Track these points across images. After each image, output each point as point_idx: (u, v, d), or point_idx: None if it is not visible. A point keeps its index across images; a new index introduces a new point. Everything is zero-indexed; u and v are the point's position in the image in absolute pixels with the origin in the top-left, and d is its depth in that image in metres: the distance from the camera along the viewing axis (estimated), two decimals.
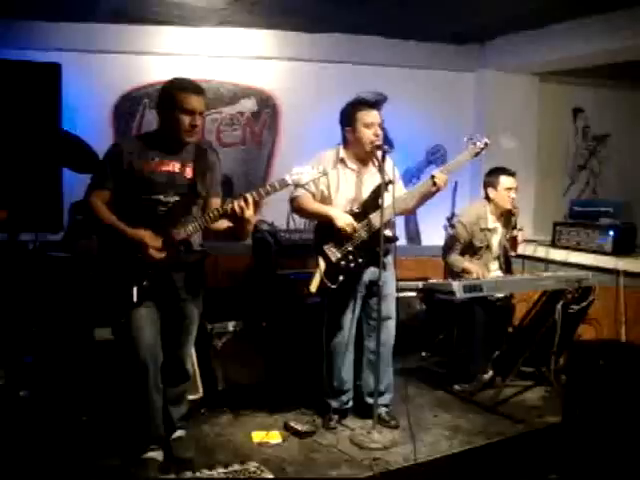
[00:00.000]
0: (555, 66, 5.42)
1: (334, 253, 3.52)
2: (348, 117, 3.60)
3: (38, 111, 3.68)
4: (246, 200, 2.88)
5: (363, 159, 3.63)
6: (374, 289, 3.54)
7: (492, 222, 4.46)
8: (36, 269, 4.06)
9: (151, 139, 3.06)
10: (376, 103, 3.63)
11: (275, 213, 4.97)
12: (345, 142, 3.66)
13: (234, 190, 5.03)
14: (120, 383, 3.22)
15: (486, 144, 3.67)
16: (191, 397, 3.61)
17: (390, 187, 3.46)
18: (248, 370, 4.08)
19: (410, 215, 3.78)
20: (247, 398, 3.97)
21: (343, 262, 3.52)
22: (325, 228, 3.54)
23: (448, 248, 4.45)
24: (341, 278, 3.50)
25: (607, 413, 3.40)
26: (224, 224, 3.04)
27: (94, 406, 3.69)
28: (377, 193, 3.48)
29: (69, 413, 3.66)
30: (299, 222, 5.13)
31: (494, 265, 4.54)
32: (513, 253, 4.59)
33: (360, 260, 3.52)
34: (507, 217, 4.51)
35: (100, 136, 4.75)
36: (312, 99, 5.35)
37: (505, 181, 4.41)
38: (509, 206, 4.40)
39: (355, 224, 3.49)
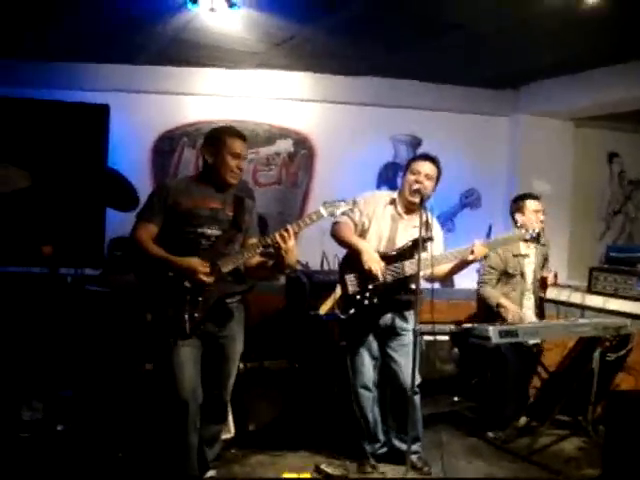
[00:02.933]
0: (589, 112, 5.44)
1: (354, 285, 3.55)
2: (406, 166, 3.74)
3: (85, 150, 3.79)
4: (287, 231, 2.98)
5: (407, 207, 3.68)
6: (391, 336, 3.60)
7: (524, 248, 4.44)
8: (75, 303, 4.12)
9: (195, 179, 3.22)
10: (435, 159, 3.69)
11: (309, 254, 5.00)
12: (400, 187, 3.76)
13: (269, 229, 5.08)
14: (158, 420, 3.22)
15: (539, 234, 3.75)
16: (223, 437, 3.59)
17: (428, 244, 3.48)
18: (280, 411, 4.06)
19: (441, 282, 3.73)
20: (278, 439, 3.94)
21: (358, 296, 3.54)
22: (353, 259, 3.58)
23: (483, 281, 4.42)
24: (352, 311, 3.52)
25: None
26: (261, 259, 3.17)
27: (131, 442, 3.70)
28: (416, 244, 3.50)
29: (105, 449, 3.67)
30: (333, 263, 5.14)
31: (529, 300, 4.46)
32: (542, 294, 4.54)
33: (375, 300, 3.53)
34: (540, 253, 4.48)
35: (140, 173, 4.90)
36: (347, 141, 5.43)
37: (531, 204, 4.42)
38: (539, 227, 4.35)
39: (382, 264, 3.51)
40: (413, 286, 3.57)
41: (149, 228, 3.06)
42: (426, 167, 3.63)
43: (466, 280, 5.36)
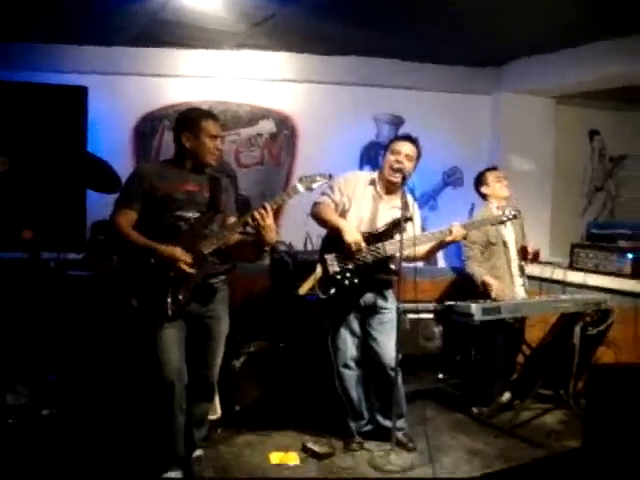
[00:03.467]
0: (571, 89, 5.44)
1: (333, 265, 3.58)
2: (386, 146, 3.77)
3: (64, 133, 3.75)
4: (265, 208, 3.00)
5: (387, 187, 3.70)
6: (372, 314, 3.64)
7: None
8: (58, 287, 4.10)
9: (170, 163, 3.23)
10: (415, 140, 3.70)
11: (293, 234, 5.00)
12: (380, 167, 3.77)
13: (252, 210, 5.06)
14: (144, 402, 3.24)
15: (514, 216, 3.82)
16: (209, 417, 3.61)
17: (409, 225, 3.52)
18: (266, 391, 4.08)
19: (418, 262, 3.76)
20: (264, 419, 3.98)
21: (339, 276, 3.56)
22: (334, 239, 3.59)
23: (467, 257, 4.46)
24: (332, 291, 3.55)
25: (628, 438, 3.37)
26: (241, 237, 3.21)
27: (117, 425, 3.72)
28: (396, 225, 3.54)
29: (91, 432, 3.68)
30: (316, 243, 5.14)
31: (516, 270, 4.50)
32: (523, 263, 4.59)
33: (356, 281, 3.56)
34: (517, 223, 4.52)
35: (120, 156, 4.84)
36: (329, 121, 5.40)
37: (491, 174, 4.54)
38: (506, 193, 4.50)
39: (363, 244, 3.52)
40: (393, 266, 3.61)
41: (128, 214, 3.08)
42: (406, 147, 3.65)
43: (450, 258, 5.46)
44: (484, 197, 4.55)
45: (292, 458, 3.56)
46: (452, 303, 4.03)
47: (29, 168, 3.65)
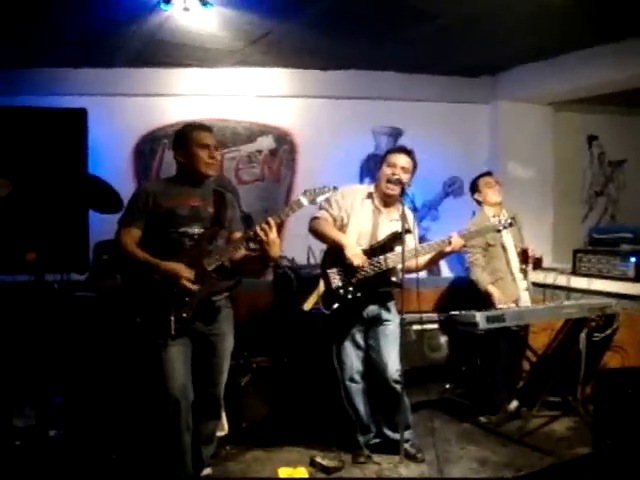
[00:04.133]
0: (568, 95, 5.45)
1: (336, 280, 3.58)
2: (382, 159, 3.78)
3: (65, 155, 3.77)
4: (268, 223, 2.99)
5: (385, 200, 3.71)
6: (374, 327, 3.63)
7: (494, 218, 4.50)
8: (63, 309, 4.11)
9: (172, 180, 3.25)
10: (409, 151, 3.72)
11: (295, 249, 5.01)
12: (377, 180, 3.78)
13: (254, 226, 5.08)
14: (151, 421, 3.23)
15: (510, 224, 3.81)
16: (217, 434, 3.60)
17: (408, 236, 3.54)
18: (273, 406, 4.08)
19: (418, 272, 3.74)
20: (272, 434, 3.97)
21: (342, 290, 3.56)
22: (335, 253, 3.60)
23: (471, 263, 4.46)
24: (335, 306, 3.55)
25: (638, 443, 3.35)
26: (246, 253, 3.20)
27: (124, 445, 3.71)
28: (396, 238, 3.56)
29: (99, 452, 3.67)
30: (319, 258, 5.16)
31: (518, 274, 4.52)
32: (524, 266, 4.59)
33: (359, 294, 3.57)
34: (515, 230, 4.53)
35: (121, 176, 4.87)
36: (328, 135, 5.43)
37: (482, 180, 4.61)
38: (497, 198, 4.54)
39: (364, 259, 3.53)
40: (394, 278, 3.62)
41: (132, 232, 3.10)
42: (402, 159, 3.66)
43: (453, 268, 5.46)
44: (479, 203, 4.61)
45: (301, 473, 3.54)
46: (456, 313, 4.04)
47: (31, 191, 3.67)
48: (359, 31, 4.36)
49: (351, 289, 3.56)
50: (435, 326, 4.89)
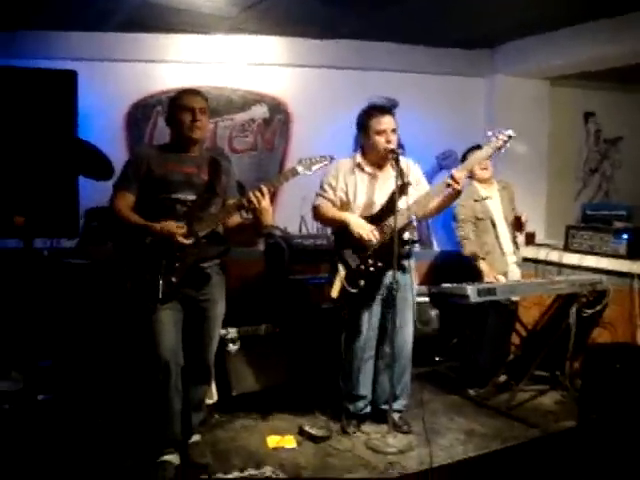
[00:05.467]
0: (565, 70, 5.40)
1: (354, 259, 3.54)
2: (361, 124, 3.68)
3: (54, 118, 3.70)
4: (261, 190, 2.98)
5: (379, 164, 3.66)
6: (393, 292, 3.49)
7: (484, 191, 4.52)
8: (52, 276, 4.09)
9: (166, 147, 3.23)
10: (389, 108, 3.64)
11: (287, 219, 4.99)
12: (362, 148, 3.71)
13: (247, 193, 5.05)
14: (140, 386, 3.24)
15: (509, 136, 3.61)
16: (206, 402, 3.61)
17: (411, 190, 3.50)
18: (262, 375, 4.09)
19: (432, 217, 3.79)
20: (261, 403, 3.99)
21: (363, 266, 3.52)
22: (344, 234, 3.56)
23: (462, 238, 4.45)
24: (362, 282, 3.51)
25: (623, 417, 3.39)
26: (240, 220, 3.22)
27: (113, 409, 3.72)
28: (397, 195, 3.49)
29: (88, 416, 3.68)
30: (312, 227, 5.14)
31: (508, 247, 4.50)
32: (518, 234, 4.61)
33: (380, 264, 3.52)
34: (505, 196, 4.55)
35: (113, 143, 4.81)
36: (323, 105, 5.36)
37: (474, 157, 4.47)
38: (486, 175, 4.52)
39: (370, 228, 3.49)
40: (407, 235, 3.59)
41: (126, 197, 3.09)
42: (389, 122, 3.58)
43: (446, 242, 5.45)
44: (470, 177, 4.50)
45: (289, 441, 3.56)
46: (448, 285, 4.03)
47: (19, 154, 3.62)
48: (356, 0, 4.29)
49: (371, 261, 3.52)
50: (426, 299, 4.89)
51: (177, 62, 5.09)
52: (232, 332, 4.06)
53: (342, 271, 3.53)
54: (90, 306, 4.03)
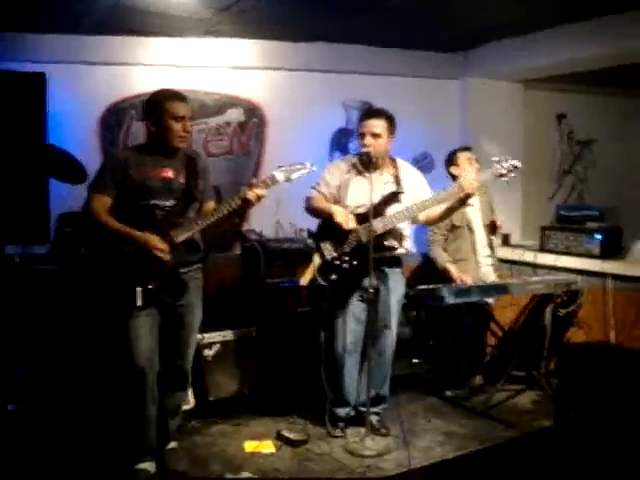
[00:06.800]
0: (538, 73, 5.46)
1: (330, 251, 3.54)
2: (357, 127, 3.72)
3: (24, 121, 3.66)
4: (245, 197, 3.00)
5: (372, 166, 3.59)
6: (371, 296, 3.49)
7: None
8: (24, 282, 4.02)
9: (144, 149, 3.15)
10: (378, 112, 3.66)
11: (263, 222, 4.97)
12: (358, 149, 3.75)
13: (222, 197, 5.01)
14: (115, 393, 3.19)
15: (515, 167, 3.62)
16: (182, 408, 3.57)
17: (404, 198, 3.53)
18: (239, 380, 4.06)
19: (439, 221, 3.88)
20: (238, 408, 3.97)
21: (337, 261, 3.53)
22: (327, 226, 3.57)
23: (431, 242, 4.45)
24: (333, 277, 3.51)
25: (599, 415, 3.42)
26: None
27: (86, 417, 3.66)
28: (386, 200, 3.53)
29: (59, 425, 3.62)
30: (288, 231, 5.13)
31: (484, 250, 4.51)
32: (493, 237, 4.63)
33: (354, 262, 3.52)
34: (485, 203, 4.56)
35: (86, 148, 4.73)
36: (298, 108, 5.36)
37: (463, 154, 4.49)
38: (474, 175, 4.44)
39: (353, 221, 3.49)
40: (394, 242, 3.59)
41: (103, 200, 3.01)
42: (370, 125, 3.58)
43: (419, 244, 5.45)
44: (453, 178, 4.48)
45: (267, 446, 3.54)
46: (423, 287, 4.03)
47: None
48: (331, 3, 4.29)
49: (347, 258, 3.52)
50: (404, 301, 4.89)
51: (151, 65, 5.04)
52: (208, 337, 4.02)
53: (316, 260, 3.54)
54: (63, 313, 3.96)
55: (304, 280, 3.54)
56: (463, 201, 3.54)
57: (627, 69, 4.94)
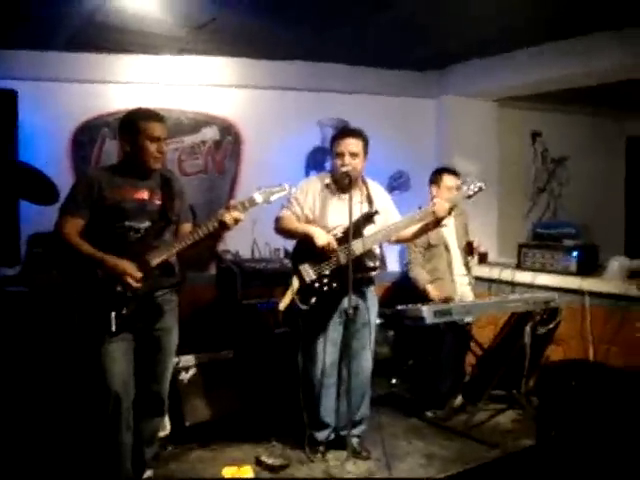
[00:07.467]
0: (513, 92, 5.52)
1: (309, 274, 3.47)
2: (330, 146, 3.67)
3: None
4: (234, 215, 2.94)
5: (345, 187, 3.55)
6: (350, 317, 3.43)
7: None
8: None
9: (117, 169, 3.07)
10: (355, 132, 3.62)
11: (240, 243, 4.90)
12: (332, 168, 3.69)
13: (197, 218, 4.93)
14: (89, 421, 3.07)
15: (480, 188, 3.63)
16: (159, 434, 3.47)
17: (377, 218, 3.49)
18: (216, 404, 3.96)
19: (409, 242, 3.95)
20: (216, 433, 3.86)
21: (317, 284, 3.46)
22: (304, 248, 3.50)
23: (409, 262, 4.44)
24: (313, 300, 3.45)
25: (581, 433, 3.40)
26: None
27: (58, 446, 3.53)
28: (362, 221, 3.48)
29: (30, 454, 3.48)
30: (264, 251, 5.06)
31: (459, 269, 4.52)
32: (470, 258, 4.64)
33: (334, 285, 3.46)
34: (459, 223, 4.56)
35: (58, 167, 4.65)
36: (274, 126, 5.32)
37: (447, 179, 4.49)
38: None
39: (335, 243, 3.44)
40: (372, 263, 3.55)
41: (75, 222, 2.92)
42: (348, 145, 3.54)
43: (398, 263, 5.43)
44: (432, 197, 4.47)
45: (246, 472, 3.43)
46: (403, 307, 4.00)
47: None
48: (306, 20, 4.27)
49: (326, 281, 3.45)
50: (380, 320, 4.85)
51: (125, 83, 4.97)
52: (184, 360, 3.92)
53: (295, 284, 3.46)
54: (33, 336, 3.84)
55: (283, 304, 3.45)
56: (436, 223, 3.55)
57: (599, 88, 5.02)
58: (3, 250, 3.61)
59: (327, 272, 3.47)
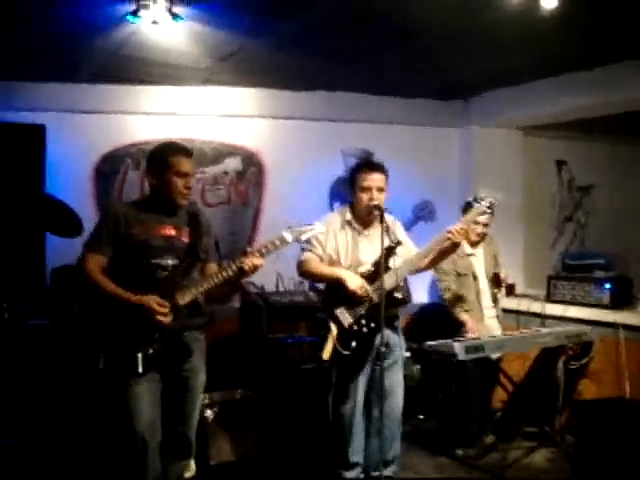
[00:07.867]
0: (537, 121, 5.47)
1: (346, 318, 3.38)
2: (350, 179, 3.61)
3: (22, 173, 3.55)
4: (253, 260, 2.87)
5: (366, 221, 3.54)
6: (384, 354, 3.34)
7: (468, 249, 4.42)
8: (14, 338, 3.82)
9: (143, 204, 3.01)
10: (379, 167, 3.56)
11: (264, 276, 4.81)
12: (351, 204, 3.62)
13: (220, 250, 4.87)
14: (113, 465, 2.98)
15: (491, 203, 3.63)
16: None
17: (399, 249, 3.39)
18: (241, 442, 3.86)
19: (425, 271, 3.80)
20: (241, 473, 3.75)
21: (356, 327, 3.37)
22: (335, 291, 3.41)
23: (443, 289, 4.36)
24: (354, 344, 3.35)
25: (618, 474, 3.28)
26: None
27: None
28: (387, 255, 3.38)
29: None
30: (288, 284, 4.99)
31: (488, 302, 4.43)
32: (497, 290, 4.52)
33: (372, 325, 3.37)
34: (488, 253, 4.50)
35: (80, 198, 4.61)
36: (297, 157, 5.29)
37: (476, 214, 4.38)
38: (473, 237, 4.39)
39: (367, 286, 3.36)
40: (400, 295, 3.46)
41: (98, 259, 2.84)
42: (375, 180, 3.48)
43: (423, 295, 5.32)
44: None
45: None
46: (433, 343, 3.88)
47: None
48: (330, 51, 4.26)
49: (364, 322, 3.37)
50: (407, 354, 4.74)
51: (148, 114, 4.97)
52: (209, 397, 3.82)
53: (334, 330, 3.36)
54: (55, 369, 3.75)
55: (326, 354, 3.34)
56: (453, 247, 3.48)
57: (623, 116, 4.95)
58: (30, 282, 3.55)
59: (363, 312, 3.39)
